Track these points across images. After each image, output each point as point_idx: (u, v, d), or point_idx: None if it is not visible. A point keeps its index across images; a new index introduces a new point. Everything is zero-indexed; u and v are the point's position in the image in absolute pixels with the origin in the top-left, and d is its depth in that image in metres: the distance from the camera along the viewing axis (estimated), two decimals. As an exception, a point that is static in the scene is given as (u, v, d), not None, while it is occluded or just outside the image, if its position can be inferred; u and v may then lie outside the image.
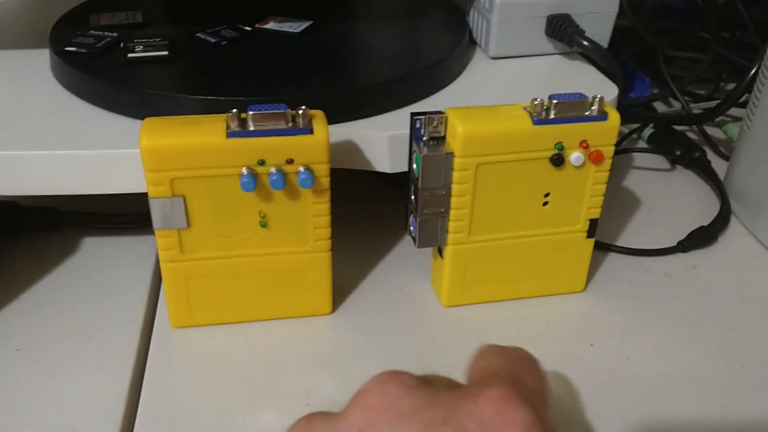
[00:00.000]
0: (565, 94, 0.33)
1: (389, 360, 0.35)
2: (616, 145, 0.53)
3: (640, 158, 0.54)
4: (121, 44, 0.42)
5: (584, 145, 0.34)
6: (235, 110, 0.31)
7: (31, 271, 0.40)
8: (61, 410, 0.32)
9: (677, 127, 0.55)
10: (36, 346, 0.35)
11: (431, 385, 0.23)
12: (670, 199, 0.49)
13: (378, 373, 0.24)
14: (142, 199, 0.33)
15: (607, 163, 0.35)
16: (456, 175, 0.34)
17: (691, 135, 0.57)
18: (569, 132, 0.34)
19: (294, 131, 0.31)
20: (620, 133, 0.55)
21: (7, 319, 0.37)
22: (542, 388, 0.25)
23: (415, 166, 0.34)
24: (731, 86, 0.48)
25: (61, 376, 0.33)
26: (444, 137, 0.34)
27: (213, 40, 0.43)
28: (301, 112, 0.31)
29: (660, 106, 0.61)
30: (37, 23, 0.50)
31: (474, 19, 0.48)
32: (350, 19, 0.49)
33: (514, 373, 0.25)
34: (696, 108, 0.57)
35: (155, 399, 0.32)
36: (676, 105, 0.57)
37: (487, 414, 0.21)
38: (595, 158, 0.34)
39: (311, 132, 0.32)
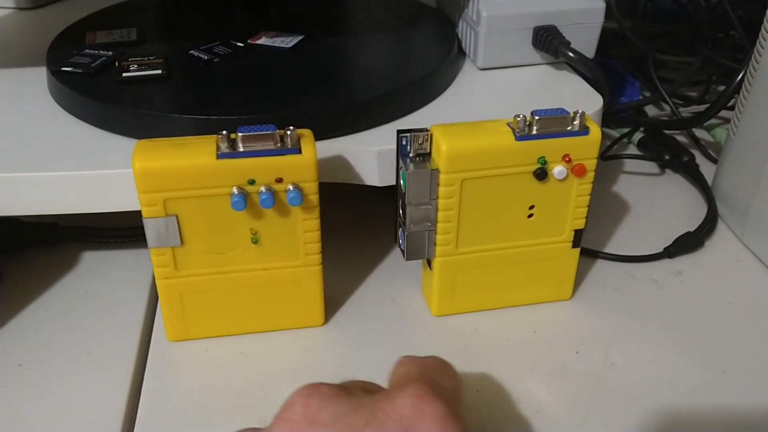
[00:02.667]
0: (548, 110, 0.34)
1: (381, 370, 0.36)
2: (608, 149, 0.54)
3: (629, 162, 0.54)
4: (116, 63, 0.43)
5: (567, 158, 0.35)
6: (224, 132, 0.32)
7: (32, 285, 0.41)
8: (61, 424, 0.33)
9: (667, 131, 0.56)
10: (37, 360, 0.36)
11: (350, 392, 0.25)
12: (659, 203, 0.50)
13: (298, 387, 0.25)
14: (139, 214, 0.33)
15: (590, 175, 0.36)
16: (442, 191, 0.35)
17: (682, 138, 0.57)
18: (552, 147, 0.34)
19: (282, 151, 0.32)
20: (611, 137, 0.56)
21: (9, 335, 0.38)
22: (457, 388, 0.27)
23: (402, 181, 0.35)
24: (722, 88, 0.48)
25: (61, 390, 0.35)
26: (430, 153, 0.35)
27: (206, 57, 0.44)
28: (289, 132, 0.32)
29: (652, 110, 0.62)
30: (34, 41, 0.51)
31: (463, 30, 0.49)
32: (341, 32, 0.50)
33: (430, 376, 0.26)
34: (686, 111, 0.58)
35: (153, 412, 0.33)
36: (667, 108, 0.58)
37: (405, 411, 0.23)
38: (578, 171, 0.35)
39: (299, 152, 0.33)
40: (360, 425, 0.23)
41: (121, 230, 0.44)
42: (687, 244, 0.44)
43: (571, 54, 0.44)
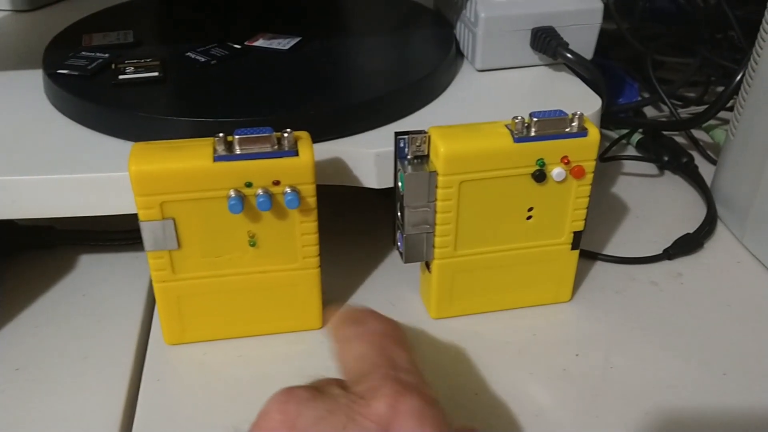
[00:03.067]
0: (546, 112, 0.34)
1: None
2: (606, 150, 0.54)
3: (628, 164, 0.54)
4: (113, 65, 0.43)
5: (565, 160, 0.35)
6: (221, 134, 0.32)
7: (28, 289, 0.41)
8: (59, 428, 0.33)
9: (666, 132, 0.56)
10: (34, 365, 0.36)
11: (324, 392, 0.25)
12: (658, 205, 0.49)
13: (273, 394, 0.25)
14: (136, 216, 0.33)
15: (589, 177, 0.36)
16: (440, 193, 0.34)
17: (681, 140, 0.57)
18: (550, 149, 0.34)
19: (279, 153, 0.32)
20: (609, 138, 0.56)
21: (6, 339, 0.38)
22: (414, 360, 0.27)
23: (400, 184, 0.35)
24: (721, 89, 0.48)
25: (58, 394, 0.34)
26: (428, 156, 0.35)
27: (203, 60, 0.44)
28: (286, 135, 0.32)
29: (650, 111, 0.62)
30: (31, 43, 0.51)
31: (461, 32, 0.49)
32: (338, 34, 0.50)
33: (387, 358, 0.26)
34: (685, 113, 0.58)
35: (150, 415, 0.33)
36: (666, 109, 0.58)
37: (381, 411, 0.24)
38: (577, 173, 0.35)
39: (296, 154, 0.32)
40: (339, 427, 0.23)
41: (118, 233, 0.44)
42: (686, 245, 0.44)
43: (569, 55, 0.44)
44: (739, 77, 0.47)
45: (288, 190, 0.33)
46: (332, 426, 0.23)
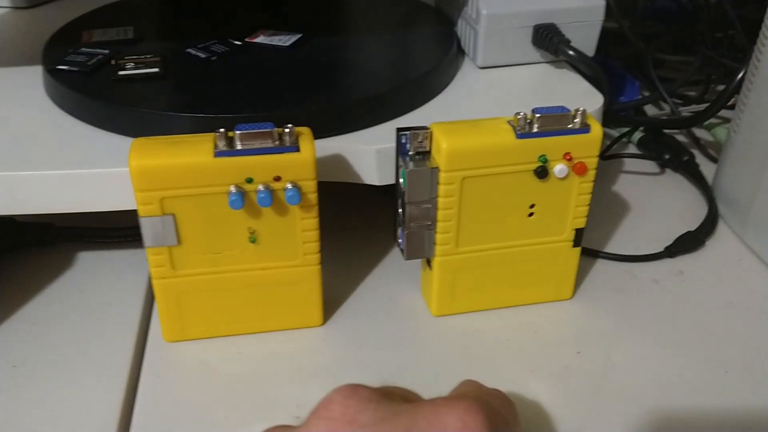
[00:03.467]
0: (548, 108, 0.34)
1: (380, 371, 0.36)
2: (607, 148, 0.54)
3: (629, 162, 0.54)
4: (113, 61, 0.42)
5: (568, 157, 0.35)
6: (222, 129, 0.32)
7: (27, 286, 0.41)
8: (57, 425, 0.32)
9: (667, 131, 0.56)
10: (32, 362, 0.36)
11: (390, 398, 0.24)
12: (659, 203, 0.49)
13: (338, 387, 0.24)
14: (134, 213, 0.33)
15: (591, 174, 0.35)
16: (442, 189, 0.34)
17: (682, 138, 0.57)
18: (552, 145, 0.34)
19: (281, 149, 0.32)
20: (610, 136, 0.56)
21: (4, 336, 0.37)
22: (510, 421, 0.26)
23: (401, 180, 0.35)
24: (722, 88, 0.48)
25: (56, 391, 0.34)
26: (429, 152, 0.35)
27: (203, 56, 0.44)
28: (287, 130, 0.32)
29: (651, 109, 0.61)
30: (31, 40, 0.51)
31: (462, 29, 0.48)
32: (339, 31, 0.50)
33: (486, 399, 0.25)
34: (686, 111, 0.58)
35: (149, 413, 0.33)
36: (667, 108, 0.58)
37: (449, 421, 0.22)
38: (579, 170, 0.35)
39: (298, 150, 0.32)
40: (400, 430, 0.22)
41: (117, 230, 0.44)
42: (688, 243, 0.44)
43: (571, 52, 0.44)
44: (740, 76, 0.46)
45: (289, 186, 0.33)
46: (393, 427, 0.22)
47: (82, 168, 0.36)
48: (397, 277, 0.41)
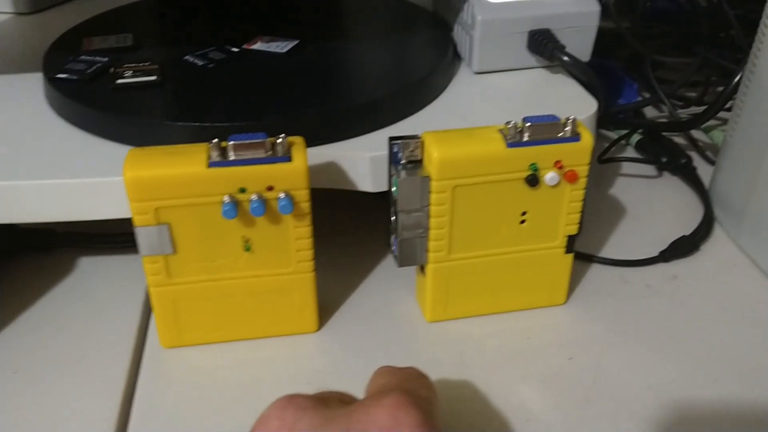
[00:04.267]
0: (539, 116, 0.34)
1: (373, 376, 0.36)
2: (605, 151, 0.54)
3: (626, 165, 0.54)
4: (111, 69, 0.43)
5: (558, 165, 0.35)
6: (215, 140, 0.32)
7: (27, 291, 0.41)
8: (55, 430, 0.33)
9: (665, 133, 0.56)
10: (32, 367, 0.36)
11: (326, 403, 0.25)
12: (656, 206, 0.49)
13: (274, 401, 0.25)
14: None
15: (582, 181, 0.36)
16: (433, 197, 0.35)
17: (681, 140, 0.57)
18: (543, 153, 0.34)
19: (273, 159, 0.32)
20: (608, 139, 0.56)
21: (4, 341, 0.38)
22: (432, 399, 0.27)
23: (393, 188, 0.35)
24: (722, 89, 0.48)
25: (54, 397, 0.35)
26: (421, 161, 0.35)
27: (201, 63, 0.44)
28: (279, 140, 0.32)
29: (650, 111, 0.62)
30: (32, 46, 0.51)
31: (458, 34, 0.49)
32: (336, 37, 0.50)
33: (407, 387, 0.26)
34: (684, 113, 0.58)
35: (145, 418, 0.34)
36: (666, 109, 0.58)
37: (381, 420, 0.23)
38: (570, 177, 0.35)
39: (290, 160, 0.33)
40: None
41: (116, 236, 0.44)
42: (682, 248, 0.44)
43: (565, 58, 0.44)
44: (737, 78, 0.46)
45: (282, 195, 0.33)
46: None
47: (81, 177, 0.37)
48: (392, 283, 0.42)
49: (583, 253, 0.44)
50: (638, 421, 0.33)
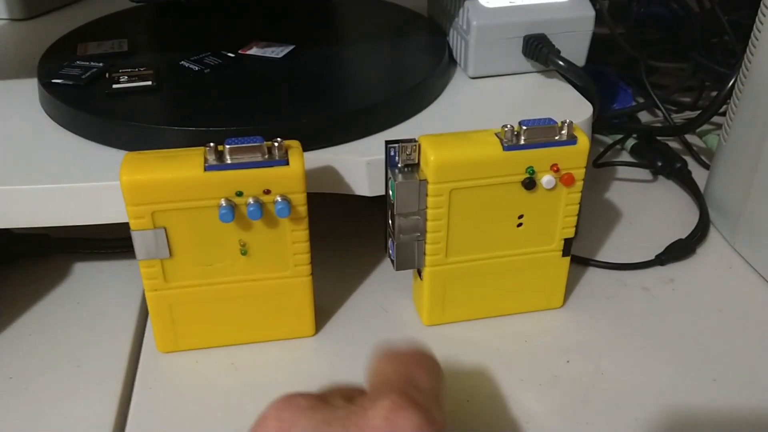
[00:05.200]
0: (535, 120, 0.34)
1: (370, 381, 0.36)
2: (600, 156, 0.54)
3: (622, 169, 0.54)
4: (107, 74, 0.43)
5: (555, 168, 0.35)
6: (212, 144, 0.32)
7: (23, 297, 0.41)
8: (51, 437, 0.33)
9: (660, 138, 0.56)
10: (28, 373, 0.36)
11: (327, 401, 0.25)
12: (651, 210, 0.50)
13: (273, 401, 0.25)
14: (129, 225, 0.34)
15: (579, 185, 0.36)
16: (430, 201, 0.35)
17: (675, 144, 0.57)
18: (540, 157, 0.34)
19: (270, 163, 0.32)
20: (603, 143, 0.56)
21: (0, 347, 0.38)
22: (436, 387, 0.27)
23: (390, 192, 0.35)
24: (715, 93, 0.48)
25: (51, 402, 0.35)
26: (418, 164, 0.35)
27: (196, 68, 0.44)
28: (276, 144, 0.32)
29: (645, 116, 0.62)
30: (27, 52, 0.51)
31: (454, 39, 0.49)
32: (332, 42, 0.50)
33: (408, 377, 0.26)
34: (679, 118, 0.58)
35: (142, 424, 0.33)
36: (660, 114, 0.58)
37: (377, 423, 0.23)
38: (567, 181, 0.35)
39: (287, 163, 0.33)
40: None
41: (112, 241, 0.44)
42: (678, 251, 0.44)
43: (560, 62, 0.44)
44: (731, 82, 0.47)
45: (278, 199, 0.33)
46: None
47: (77, 182, 0.37)
48: (389, 287, 0.42)
49: (579, 256, 0.44)
50: (636, 423, 0.33)
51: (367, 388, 0.27)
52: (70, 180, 0.37)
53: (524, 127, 0.34)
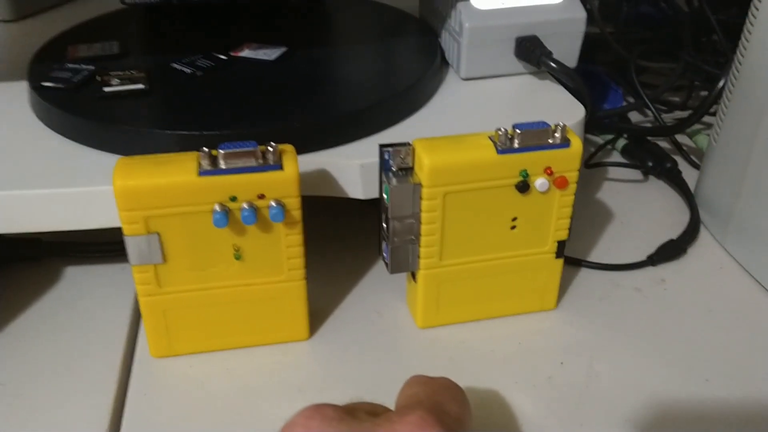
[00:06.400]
0: (529, 123, 0.34)
1: (366, 384, 0.36)
2: (591, 156, 0.54)
3: (613, 169, 0.55)
4: (98, 77, 0.43)
5: (548, 171, 0.35)
6: (206, 149, 0.32)
7: (14, 302, 0.41)
8: (45, 444, 0.33)
9: (650, 138, 0.56)
10: (19, 379, 0.36)
11: (354, 414, 0.25)
12: (643, 210, 0.50)
13: (301, 409, 0.25)
14: (122, 229, 0.33)
15: (572, 187, 0.36)
16: (424, 204, 0.35)
17: (666, 144, 0.58)
18: (533, 160, 0.35)
19: (264, 167, 0.32)
20: (594, 143, 0.56)
21: (-9, 353, 0.38)
22: (463, 415, 0.27)
23: (385, 196, 0.35)
24: (705, 93, 0.49)
25: (43, 408, 0.34)
26: (412, 168, 0.35)
27: (188, 71, 0.44)
28: (270, 148, 0.32)
29: (635, 116, 0.62)
30: (17, 54, 0.51)
31: (446, 40, 0.49)
32: (324, 43, 0.50)
33: (436, 400, 0.26)
34: (669, 118, 0.58)
35: (136, 429, 0.33)
36: (650, 114, 0.58)
37: None
38: (560, 184, 0.35)
39: (281, 168, 0.33)
40: None
41: (105, 245, 0.44)
42: (670, 251, 0.45)
43: (552, 64, 0.44)
44: (721, 83, 0.47)
45: (273, 203, 0.33)
46: None
47: (68, 186, 0.36)
48: (383, 290, 0.42)
49: (572, 257, 0.44)
50: (631, 423, 0.34)
51: (396, 408, 0.27)
52: (61, 185, 0.36)
53: (518, 131, 0.34)
